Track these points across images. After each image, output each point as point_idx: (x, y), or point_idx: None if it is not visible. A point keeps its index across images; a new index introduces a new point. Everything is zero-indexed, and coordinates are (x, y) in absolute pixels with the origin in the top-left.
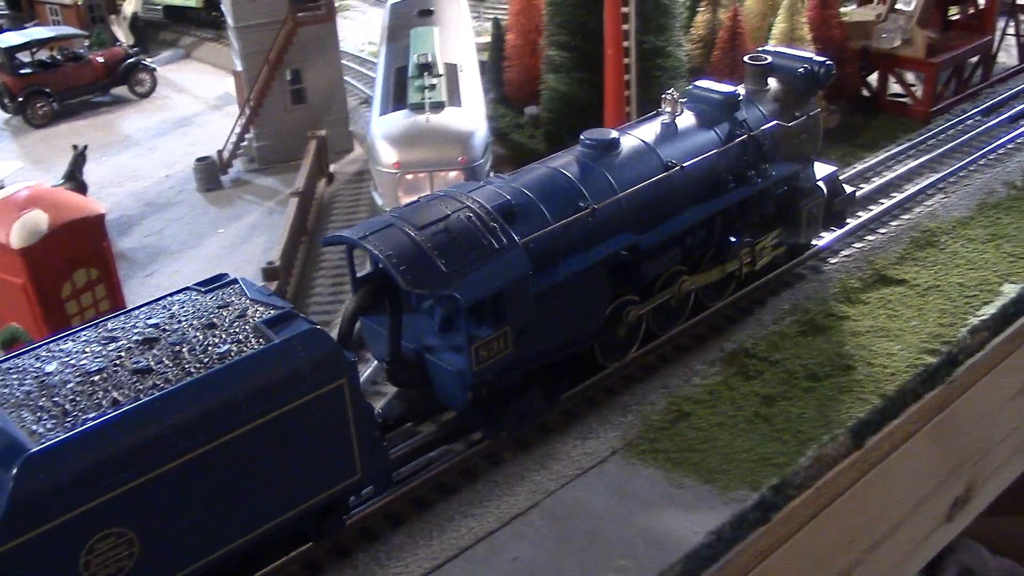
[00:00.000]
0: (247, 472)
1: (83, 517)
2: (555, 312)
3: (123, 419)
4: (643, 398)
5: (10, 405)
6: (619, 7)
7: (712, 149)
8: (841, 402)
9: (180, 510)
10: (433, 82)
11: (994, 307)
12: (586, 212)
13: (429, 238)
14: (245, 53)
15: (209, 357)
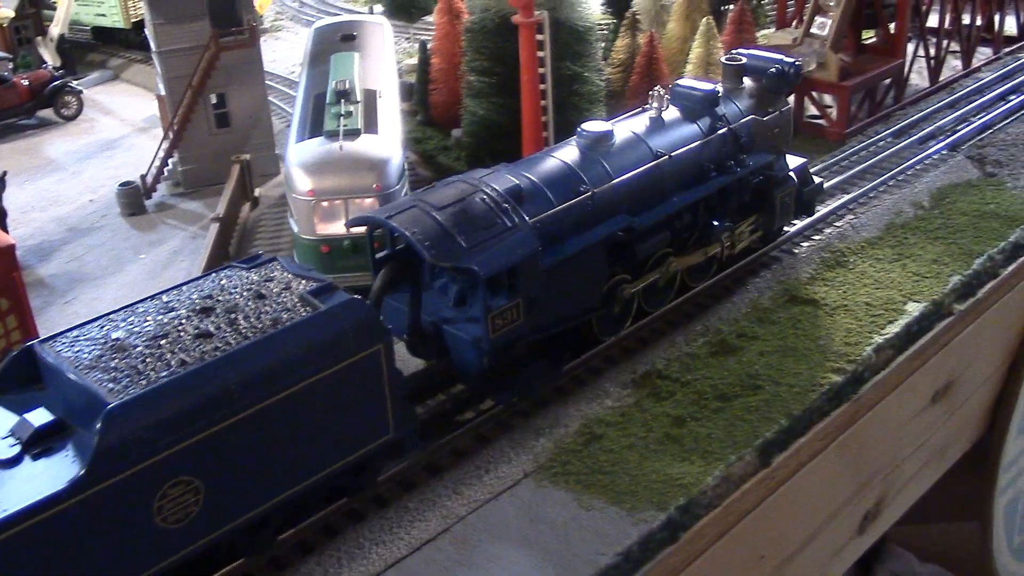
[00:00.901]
0: (297, 428)
1: (157, 465)
2: (560, 287)
3: (191, 377)
4: (556, 421)
5: (84, 368)
6: (534, 34)
7: (696, 140)
8: (749, 422)
9: (239, 462)
10: (350, 109)
11: (898, 325)
12: (586, 196)
13: (449, 217)
14: (168, 77)
15: (262, 323)
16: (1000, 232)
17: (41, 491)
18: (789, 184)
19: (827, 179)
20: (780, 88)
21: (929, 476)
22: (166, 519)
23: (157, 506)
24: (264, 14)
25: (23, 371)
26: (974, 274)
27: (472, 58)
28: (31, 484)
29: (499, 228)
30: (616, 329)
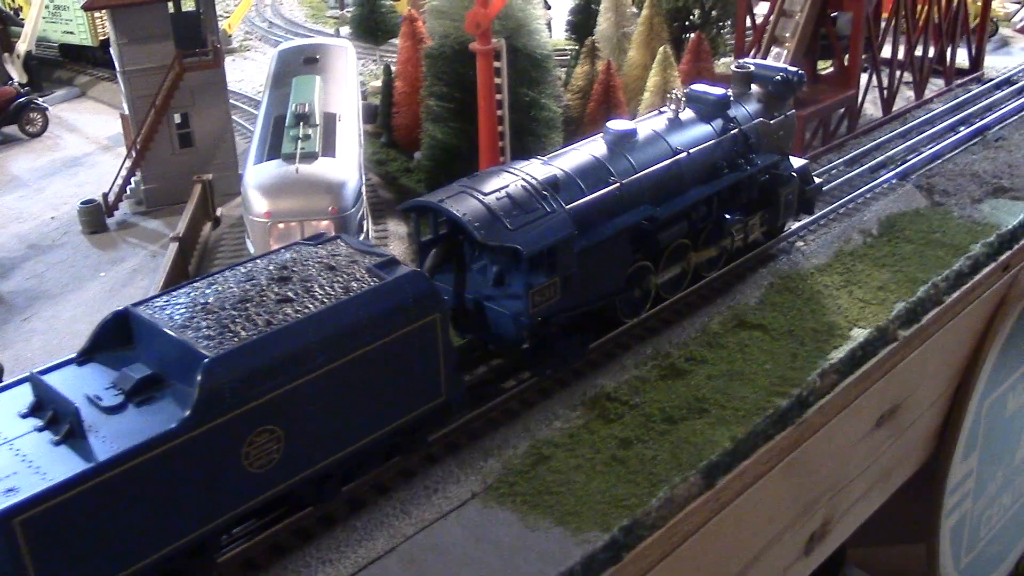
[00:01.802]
0: (363, 387)
1: (247, 414)
2: (590, 269)
3: (277, 335)
4: (505, 442)
5: (177, 328)
6: (491, 61)
7: (710, 140)
8: (694, 444)
9: (314, 415)
10: (308, 132)
11: (843, 351)
12: (614, 186)
13: (495, 202)
14: (132, 97)
15: (335, 291)
16: (945, 260)
17: (149, 432)
18: (793, 182)
19: None
20: (784, 94)
21: (875, 498)
22: (252, 464)
23: (245, 451)
24: (233, 34)
25: (115, 333)
26: (918, 301)
27: (431, 83)
28: (138, 426)
29: (539, 213)
30: (637, 312)
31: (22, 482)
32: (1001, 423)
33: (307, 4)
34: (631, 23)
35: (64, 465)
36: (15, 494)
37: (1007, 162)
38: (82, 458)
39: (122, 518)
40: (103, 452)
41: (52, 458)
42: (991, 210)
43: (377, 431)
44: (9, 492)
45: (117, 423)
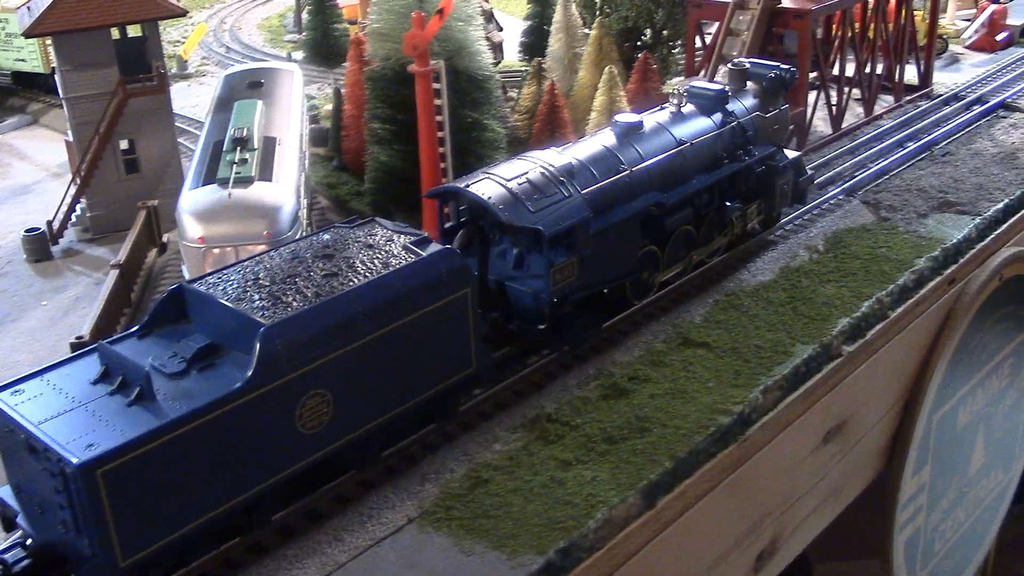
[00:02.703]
0: (403, 356)
1: (300, 378)
2: (603, 251)
3: (326, 306)
4: (443, 466)
5: (231, 300)
6: (430, 83)
7: (710, 132)
8: (634, 464)
9: (359, 381)
10: (245, 156)
11: (786, 367)
12: (624, 174)
13: (516, 186)
14: (76, 123)
15: (375, 266)
16: (890, 275)
17: (212, 394)
18: (787, 173)
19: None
20: (778, 90)
21: (826, 515)
22: (304, 425)
23: (299, 413)
24: (189, 59)
25: (172, 309)
26: (863, 316)
27: (374, 106)
28: (201, 389)
29: (557, 197)
30: (645, 295)
31: (100, 438)
32: (952, 436)
33: (265, 28)
34: (582, 43)
35: (137, 423)
36: (96, 448)
37: (953, 177)
38: (153, 417)
39: (189, 474)
40: (172, 412)
41: (126, 418)
42: (936, 225)
43: (414, 398)
44: (90, 447)
45: (181, 387)
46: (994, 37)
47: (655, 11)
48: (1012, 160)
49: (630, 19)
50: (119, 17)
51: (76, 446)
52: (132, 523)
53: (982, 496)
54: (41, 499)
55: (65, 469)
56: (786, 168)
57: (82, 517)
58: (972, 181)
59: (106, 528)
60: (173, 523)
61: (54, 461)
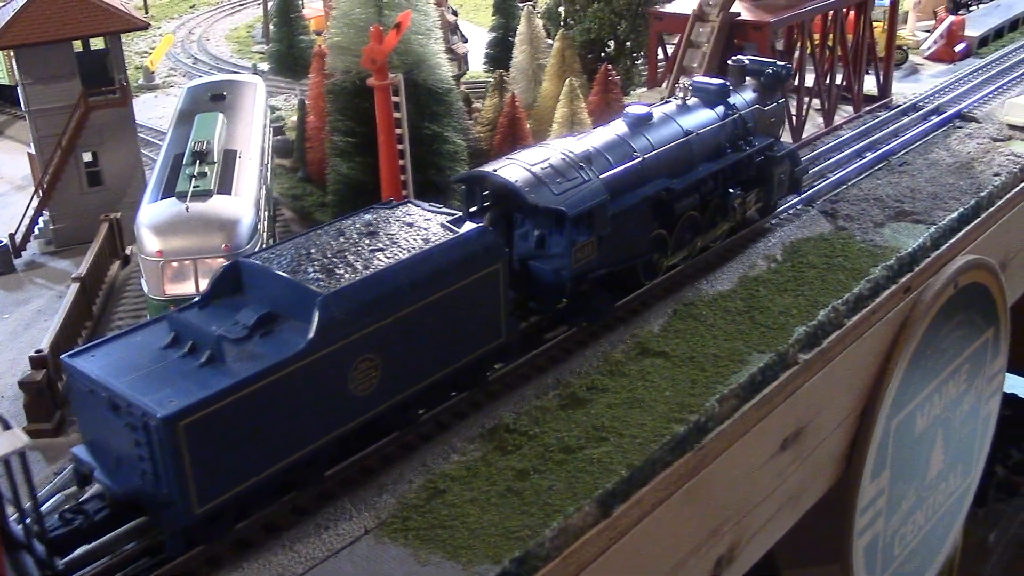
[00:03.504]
0: (441, 326)
1: (353, 343)
2: (619, 233)
3: (375, 277)
4: (400, 477)
5: (288, 272)
6: (389, 97)
7: (714, 123)
8: (590, 473)
9: (404, 347)
10: (204, 170)
11: (742, 376)
12: (637, 160)
13: (540, 171)
14: (38, 136)
15: (416, 242)
16: (845, 284)
17: (276, 356)
18: (785, 163)
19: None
20: (774, 85)
21: (785, 520)
22: (356, 387)
23: (351, 376)
24: (156, 70)
25: (228, 282)
26: (818, 325)
27: (335, 119)
28: (265, 352)
29: (578, 180)
30: (654, 276)
31: (179, 395)
32: (911, 441)
33: (234, 39)
34: (546, 55)
35: (210, 382)
36: (177, 403)
37: (909, 186)
38: (225, 377)
39: (255, 429)
40: (241, 372)
41: (199, 378)
42: (892, 234)
43: (452, 365)
44: (171, 402)
45: (246, 351)
46: (952, 48)
47: (618, 23)
48: (967, 169)
49: (593, 31)
50: (82, 30)
51: (158, 402)
52: (206, 473)
53: (942, 500)
54: (118, 453)
55: (149, 422)
56: (783, 158)
57: (163, 467)
58: (928, 191)
59: (185, 477)
60: (241, 475)
61: (138, 416)
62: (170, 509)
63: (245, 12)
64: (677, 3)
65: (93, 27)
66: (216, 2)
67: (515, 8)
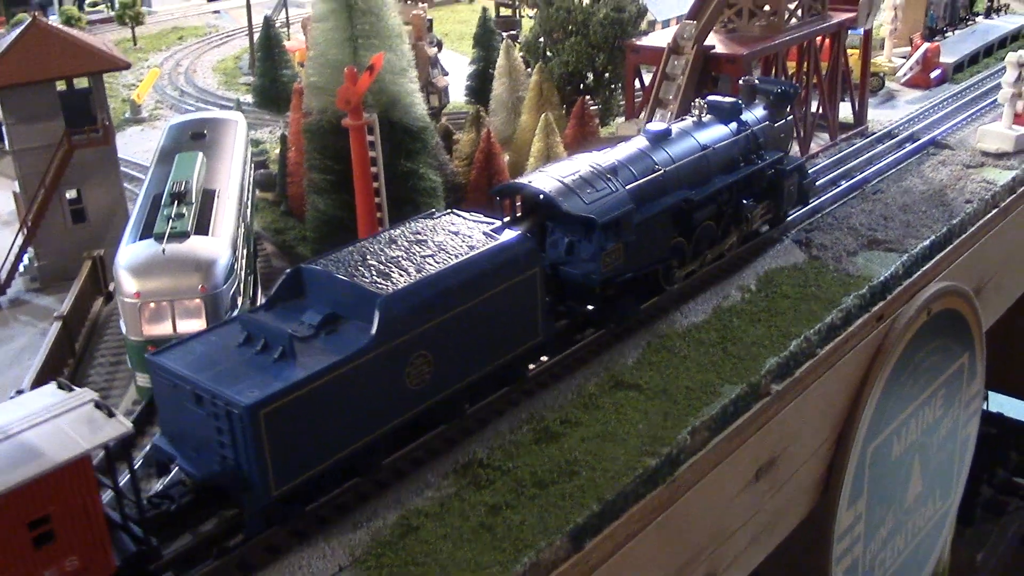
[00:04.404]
0: (486, 325)
1: (410, 340)
2: (642, 240)
3: (428, 280)
4: (375, 514)
5: (346, 274)
6: (364, 136)
7: (728, 138)
8: (562, 507)
9: (453, 345)
10: (182, 211)
11: (714, 407)
12: (659, 173)
13: (572, 181)
14: (22, 175)
15: (463, 248)
16: (818, 314)
17: (342, 352)
18: (794, 177)
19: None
20: (783, 104)
21: (761, 549)
22: (411, 381)
23: (407, 371)
24: (142, 103)
25: (291, 287)
26: (791, 355)
27: (312, 157)
28: (331, 349)
29: (606, 191)
30: (674, 281)
31: (258, 387)
32: (887, 467)
33: (220, 71)
34: (526, 87)
35: (285, 375)
36: (258, 393)
37: (882, 214)
38: (298, 370)
39: (325, 419)
40: (312, 366)
41: (274, 371)
42: (865, 262)
43: (495, 361)
44: (252, 392)
45: (314, 347)
46: (928, 74)
47: (596, 55)
48: (940, 197)
49: (571, 63)
50: (65, 71)
51: (240, 392)
52: (283, 458)
53: (921, 524)
54: (199, 442)
55: (233, 411)
56: (792, 172)
57: (244, 452)
58: (901, 218)
59: (264, 461)
60: (312, 460)
61: (221, 406)
62: (250, 491)
63: (233, 43)
64: (653, 36)
65: (76, 67)
66: (204, 34)
67: (495, 41)
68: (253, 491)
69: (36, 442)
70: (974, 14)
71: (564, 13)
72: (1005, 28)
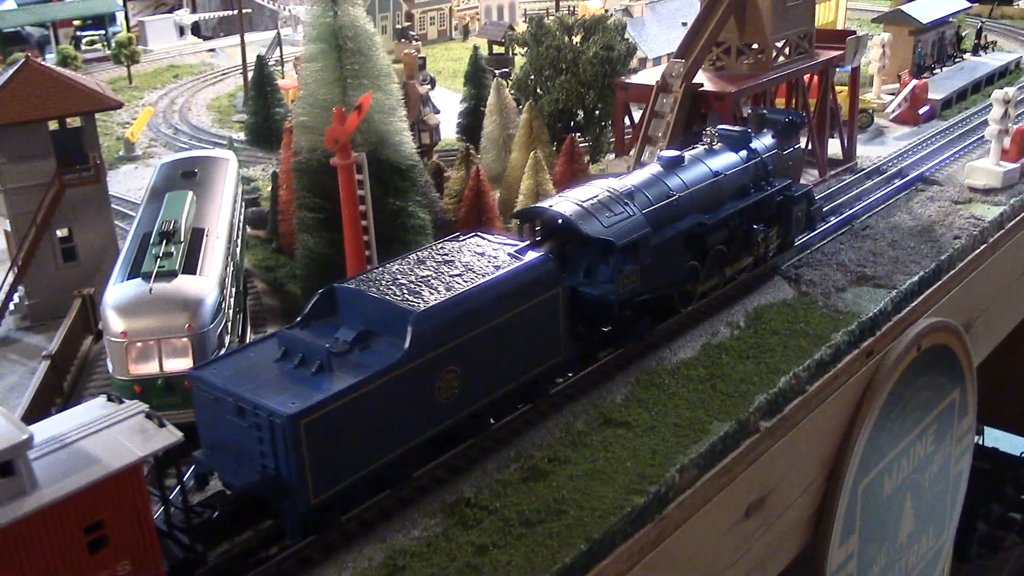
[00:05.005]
0: (510, 343)
1: (440, 356)
2: (659, 263)
3: (457, 298)
4: (361, 554)
5: (379, 292)
6: (352, 175)
7: (739, 165)
8: (549, 547)
9: (480, 361)
10: (170, 250)
11: (703, 445)
12: (673, 198)
13: (591, 206)
14: (13, 214)
15: (489, 268)
16: (807, 350)
17: (377, 366)
18: (802, 202)
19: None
20: (791, 133)
21: None
22: (441, 395)
23: (438, 385)
24: (136, 141)
25: (324, 306)
26: (779, 392)
27: (301, 195)
28: (366, 363)
29: (624, 215)
30: (688, 303)
31: (298, 399)
32: (879, 504)
33: (215, 108)
34: (516, 125)
35: (323, 388)
36: (298, 405)
37: (871, 250)
38: (335, 382)
39: (361, 430)
40: (349, 379)
41: (313, 384)
42: (854, 298)
43: (520, 378)
44: (293, 404)
45: (349, 362)
46: (916, 111)
47: (585, 93)
48: (928, 233)
49: (561, 101)
50: (58, 110)
51: (282, 403)
52: (321, 467)
53: (915, 561)
54: (239, 453)
55: (275, 421)
56: (800, 198)
57: (285, 461)
58: (890, 254)
59: (304, 469)
60: (348, 470)
61: (264, 416)
62: (291, 498)
63: (228, 81)
64: (642, 73)
65: (68, 107)
66: (199, 72)
67: (486, 79)
68: (294, 498)
69: (91, 450)
70: (962, 51)
71: (554, 51)
72: (992, 65)
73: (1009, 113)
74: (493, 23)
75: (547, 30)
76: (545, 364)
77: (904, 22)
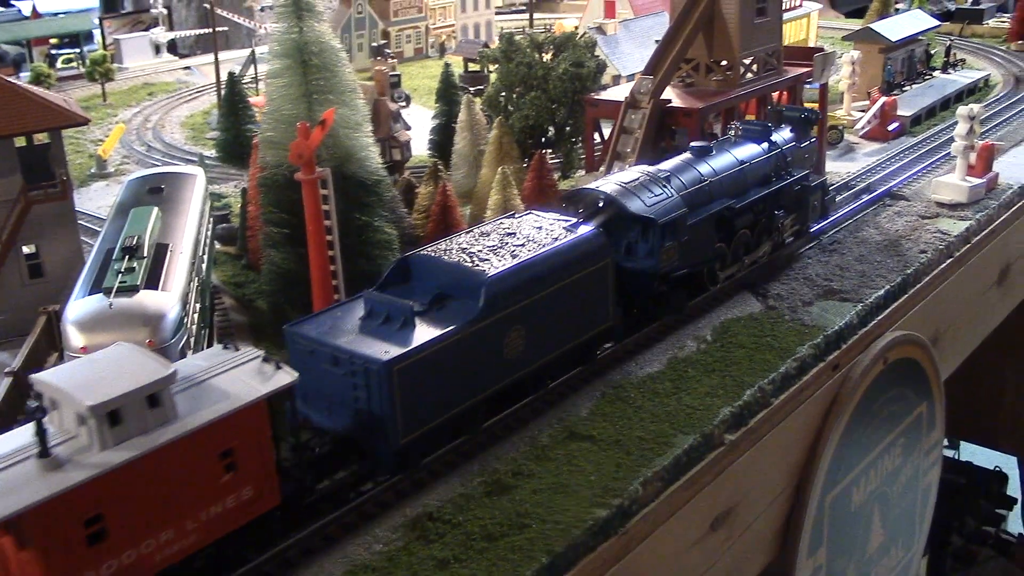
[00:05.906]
0: (567, 308)
1: (508, 316)
2: (693, 241)
3: (522, 265)
4: (321, 569)
5: (452, 259)
6: (316, 190)
7: (762, 155)
8: (511, 561)
9: (543, 322)
10: (133, 265)
11: (667, 458)
12: (705, 183)
13: (633, 187)
14: None
15: (548, 240)
16: (772, 364)
17: (455, 322)
18: (818, 192)
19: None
20: (807, 127)
21: None
22: (508, 352)
23: (505, 343)
24: (108, 158)
25: (398, 273)
26: (745, 404)
27: (267, 210)
28: (445, 320)
29: (663, 196)
30: (715, 282)
31: (389, 349)
32: (847, 516)
33: (189, 126)
34: (487, 141)
35: (409, 340)
36: (391, 354)
37: (838, 264)
38: (420, 335)
39: (441, 379)
40: (433, 332)
41: (399, 337)
42: (820, 312)
43: (574, 341)
44: (386, 352)
45: (429, 319)
46: (886, 127)
47: (556, 109)
48: (895, 247)
49: (531, 117)
50: (24, 127)
51: (376, 352)
52: (409, 411)
53: (884, 573)
54: (332, 400)
55: (371, 367)
56: (816, 188)
57: (379, 403)
58: (857, 268)
59: (395, 411)
60: (430, 415)
61: (360, 364)
62: (384, 438)
63: (203, 99)
64: (612, 90)
65: (35, 123)
66: (174, 89)
67: (457, 95)
68: (387, 437)
69: (221, 387)
70: (931, 69)
71: (524, 68)
72: (961, 83)
73: (975, 129)
74: (469, 41)
75: (517, 47)
76: (596, 329)
77: (874, 40)
